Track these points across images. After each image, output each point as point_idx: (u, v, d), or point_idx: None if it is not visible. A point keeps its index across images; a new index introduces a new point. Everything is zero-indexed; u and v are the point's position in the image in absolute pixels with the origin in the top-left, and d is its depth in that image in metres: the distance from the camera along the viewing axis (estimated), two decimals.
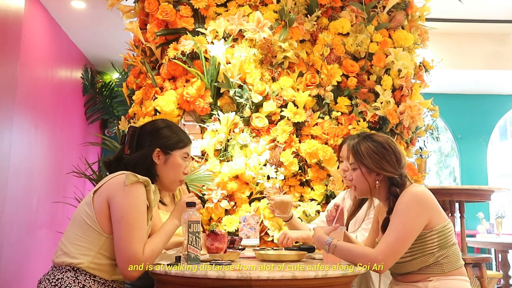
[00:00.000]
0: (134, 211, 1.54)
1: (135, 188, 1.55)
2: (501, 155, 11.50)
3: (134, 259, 1.51)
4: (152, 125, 1.77)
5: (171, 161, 1.71)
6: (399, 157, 1.80)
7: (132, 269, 1.52)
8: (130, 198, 1.54)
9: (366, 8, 3.03)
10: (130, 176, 1.56)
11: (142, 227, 1.56)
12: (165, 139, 1.72)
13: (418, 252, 1.71)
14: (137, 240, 1.53)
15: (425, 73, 3.25)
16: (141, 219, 1.55)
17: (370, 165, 1.79)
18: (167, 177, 1.72)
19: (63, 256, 1.56)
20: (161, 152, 1.70)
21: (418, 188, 1.76)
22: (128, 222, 1.53)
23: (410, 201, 1.70)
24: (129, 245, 1.52)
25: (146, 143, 1.70)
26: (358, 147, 1.84)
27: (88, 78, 5.83)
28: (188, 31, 2.96)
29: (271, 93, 2.90)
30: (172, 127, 1.78)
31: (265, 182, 2.76)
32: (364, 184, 1.83)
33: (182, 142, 1.76)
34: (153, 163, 1.69)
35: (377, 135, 1.87)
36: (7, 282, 3.79)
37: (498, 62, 6.21)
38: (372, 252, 1.67)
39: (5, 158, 3.26)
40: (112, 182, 1.59)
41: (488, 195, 3.53)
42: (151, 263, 1.58)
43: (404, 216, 1.68)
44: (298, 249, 2.09)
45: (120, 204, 1.54)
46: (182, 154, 1.75)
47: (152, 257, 1.57)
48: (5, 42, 3.18)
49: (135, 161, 1.67)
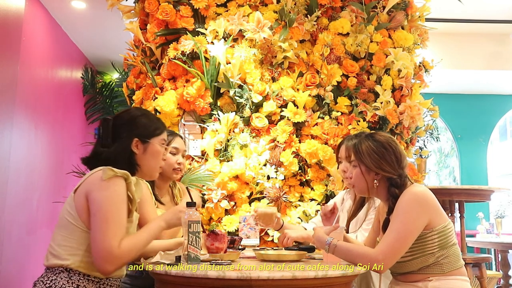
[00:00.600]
0: (110, 204, 1.52)
1: (112, 182, 1.53)
2: (501, 155, 11.50)
3: (108, 253, 1.47)
4: (128, 115, 1.72)
5: (150, 150, 1.69)
6: (399, 158, 1.81)
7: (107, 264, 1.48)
8: (107, 192, 1.52)
9: (366, 8, 3.03)
10: (107, 170, 1.53)
11: (119, 221, 1.52)
12: (143, 128, 1.69)
13: (418, 252, 1.71)
14: (112, 234, 1.49)
15: (425, 73, 3.25)
16: (117, 213, 1.52)
17: (369, 164, 1.80)
18: (148, 165, 1.70)
19: (53, 258, 1.55)
20: (140, 141, 1.67)
21: (419, 188, 1.76)
22: (104, 215, 1.50)
23: (410, 201, 1.71)
24: (103, 238, 1.48)
25: (123, 134, 1.66)
26: (359, 146, 1.85)
27: (88, 78, 5.83)
28: (188, 31, 2.96)
29: (271, 93, 2.90)
30: (147, 115, 1.76)
31: (265, 182, 2.76)
32: (362, 182, 1.83)
33: (159, 129, 1.73)
34: (133, 153, 1.66)
35: (380, 135, 1.87)
36: (7, 281, 3.79)
37: (498, 62, 6.21)
38: (372, 252, 1.67)
39: (5, 158, 3.26)
40: (91, 178, 1.57)
41: (488, 195, 3.54)
42: (128, 259, 1.54)
43: (404, 216, 1.68)
44: (298, 249, 2.10)
45: (97, 198, 1.52)
46: (160, 141, 1.73)
47: (130, 253, 1.53)
48: (5, 42, 3.18)
49: (115, 154, 1.63)
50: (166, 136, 1.78)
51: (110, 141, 1.65)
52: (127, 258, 1.53)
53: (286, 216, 2.74)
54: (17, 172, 3.96)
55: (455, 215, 3.59)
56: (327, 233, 1.80)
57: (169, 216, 1.68)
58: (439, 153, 10.25)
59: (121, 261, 1.51)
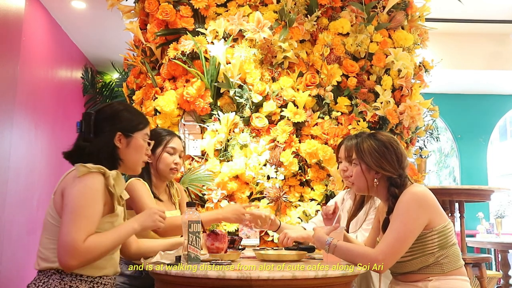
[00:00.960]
0: (80, 198, 1.49)
1: (86, 178, 1.51)
2: (501, 155, 11.51)
3: (71, 247, 1.43)
4: (110, 109, 1.70)
5: (133, 144, 1.68)
6: (400, 158, 1.81)
7: (69, 258, 1.43)
8: (79, 186, 1.50)
9: (366, 8, 3.03)
10: (80, 167, 1.52)
11: (87, 215, 1.48)
12: (126, 122, 1.68)
13: (418, 252, 1.72)
14: (78, 227, 1.45)
15: (425, 73, 3.25)
16: (87, 207, 1.48)
17: (369, 162, 1.80)
18: (130, 160, 1.68)
19: (42, 262, 1.54)
20: (123, 135, 1.66)
21: (419, 188, 1.76)
22: (72, 208, 1.48)
23: (410, 201, 1.71)
24: (68, 231, 1.44)
25: (106, 128, 1.64)
26: (361, 144, 1.85)
27: (88, 78, 5.84)
28: (188, 31, 2.96)
29: (271, 93, 2.90)
30: (130, 109, 1.75)
31: (265, 182, 2.76)
32: (362, 180, 1.84)
33: (142, 123, 1.72)
34: (116, 148, 1.65)
35: (382, 134, 1.88)
36: (7, 281, 3.79)
37: (498, 62, 6.21)
38: (372, 252, 1.68)
39: (5, 158, 3.26)
40: (67, 177, 1.57)
41: (488, 195, 3.54)
42: (92, 257, 1.48)
43: (404, 216, 1.69)
44: (298, 249, 2.10)
45: (69, 193, 1.50)
46: (143, 135, 1.72)
47: (94, 251, 1.47)
48: (5, 42, 3.18)
49: (97, 148, 1.61)
50: (149, 131, 1.77)
51: (93, 135, 1.63)
52: (91, 255, 1.47)
53: (286, 216, 2.74)
54: (17, 172, 3.96)
55: (455, 215, 3.58)
56: (327, 233, 1.80)
57: (143, 217, 1.64)
58: (439, 153, 10.25)
59: (84, 257, 1.45)
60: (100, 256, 1.52)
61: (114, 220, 1.59)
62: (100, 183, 1.53)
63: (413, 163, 3.32)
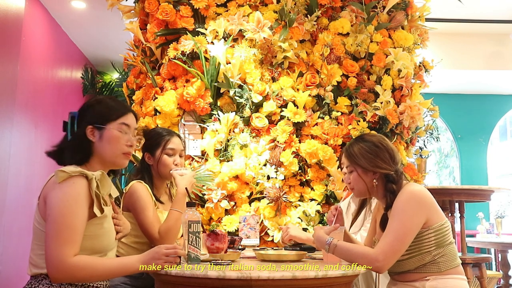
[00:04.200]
0: (61, 207, 1.44)
1: (67, 184, 1.46)
2: (501, 155, 11.51)
3: (57, 262, 1.40)
4: (85, 104, 1.67)
5: (106, 135, 1.60)
6: (392, 154, 1.83)
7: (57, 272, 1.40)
8: (60, 194, 1.46)
9: (366, 8, 3.03)
10: (59, 173, 1.47)
11: (71, 225, 1.43)
12: (96, 114, 1.62)
13: (415, 251, 1.72)
14: (63, 240, 1.41)
15: (425, 73, 3.25)
16: (69, 216, 1.43)
17: (365, 165, 1.81)
18: (106, 152, 1.61)
19: (33, 268, 1.51)
20: (94, 128, 1.60)
21: (416, 187, 1.77)
22: (54, 219, 1.43)
23: (408, 200, 1.71)
24: (54, 245, 1.41)
25: (79, 124, 1.62)
26: (351, 150, 1.86)
27: (88, 78, 5.84)
28: (188, 31, 2.96)
29: (271, 93, 2.90)
30: (104, 101, 1.67)
31: (265, 182, 2.76)
32: (361, 184, 1.84)
33: (115, 113, 1.63)
34: (90, 142, 1.60)
35: (369, 135, 1.90)
36: (7, 282, 3.79)
37: (498, 62, 6.22)
38: (372, 252, 1.68)
39: (5, 158, 3.26)
40: (49, 182, 1.53)
41: (488, 195, 3.54)
42: (80, 276, 1.44)
43: (402, 215, 1.69)
44: (298, 249, 2.10)
45: (50, 202, 1.46)
46: (118, 126, 1.63)
47: (83, 271, 1.43)
48: (5, 42, 3.19)
49: (72, 145, 1.59)
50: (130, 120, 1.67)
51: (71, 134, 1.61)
52: (79, 274, 1.43)
53: (286, 216, 2.74)
54: (17, 172, 3.96)
55: (455, 215, 3.58)
56: (327, 233, 1.80)
57: (147, 258, 1.54)
58: (439, 153, 10.25)
59: (71, 274, 1.42)
60: (91, 279, 1.48)
61: (103, 221, 1.56)
62: (82, 187, 1.48)
63: (413, 163, 3.32)
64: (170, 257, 1.54)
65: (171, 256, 1.54)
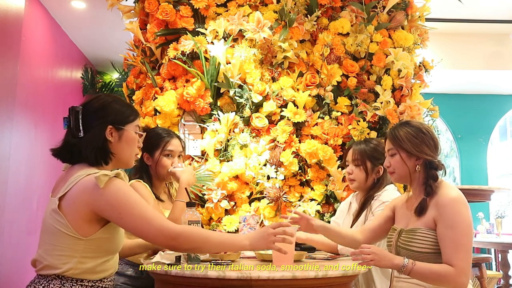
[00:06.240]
0: (126, 202, 1.47)
1: (111, 185, 1.46)
2: (501, 155, 11.51)
3: (165, 229, 1.47)
4: (98, 101, 1.62)
5: (125, 137, 1.61)
6: (436, 142, 1.82)
7: (168, 240, 1.47)
8: (114, 191, 1.46)
9: (366, 8, 3.03)
10: (101, 177, 1.45)
11: (146, 205, 1.49)
12: (116, 114, 1.60)
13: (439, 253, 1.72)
14: (151, 216, 1.47)
15: (425, 73, 3.25)
16: (139, 203, 1.48)
17: (410, 149, 1.79)
18: (124, 153, 1.61)
19: (46, 268, 1.49)
20: (114, 128, 1.59)
21: (456, 192, 1.75)
22: (130, 210, 1.47)
23: (460, 209, 1.70)
24: (148, 223, 1.47)
25: (95, 122, 1.57)
26: (396, 133, 1.84)
27: (88, 78, 5.84)
28: (188, 31, 2.96)
29: (271, 93, 2.90)
30: (119, 101, 1.66)
31: (265, 182, 2.76)
32: (403, 169, 1.82)
33: (132, 115, 1.65)
34: (107, 142, 1.58)
35: (414, 121, 1.88)
36: (7, 282, 3.79)
37: (498, 62, 6.21)
38: (454, 273, 1.64)
39: (5, 158, 3.27)
40: (84, 188, 1.48)
41: (488, 195, 3.54)
42: (183, 240, 1.49)
43: (462, 226, 1.68)
44: (298, 249, 2.09)
45: (110, 207, 1.46)
46: (134, 127, 1.64)
47: (187, 236, 1.50)
48: (5, 42, 3.19)
49: (87, 143, 1.55)
50: (140, 123, 1.72)
51: (82, 130, 1.56)
52: (183, 236, 1.49)
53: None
54: (17, 172, 3.96)
55: None
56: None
57: (256, 238, 1.56)
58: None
59: (178, 236, 1.48)
60: (188, 247, 1.53)
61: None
62: (123, 183, 1.51)
63: None
64: (278, 237, 1.54)
65: (278, 236, 1.54)
